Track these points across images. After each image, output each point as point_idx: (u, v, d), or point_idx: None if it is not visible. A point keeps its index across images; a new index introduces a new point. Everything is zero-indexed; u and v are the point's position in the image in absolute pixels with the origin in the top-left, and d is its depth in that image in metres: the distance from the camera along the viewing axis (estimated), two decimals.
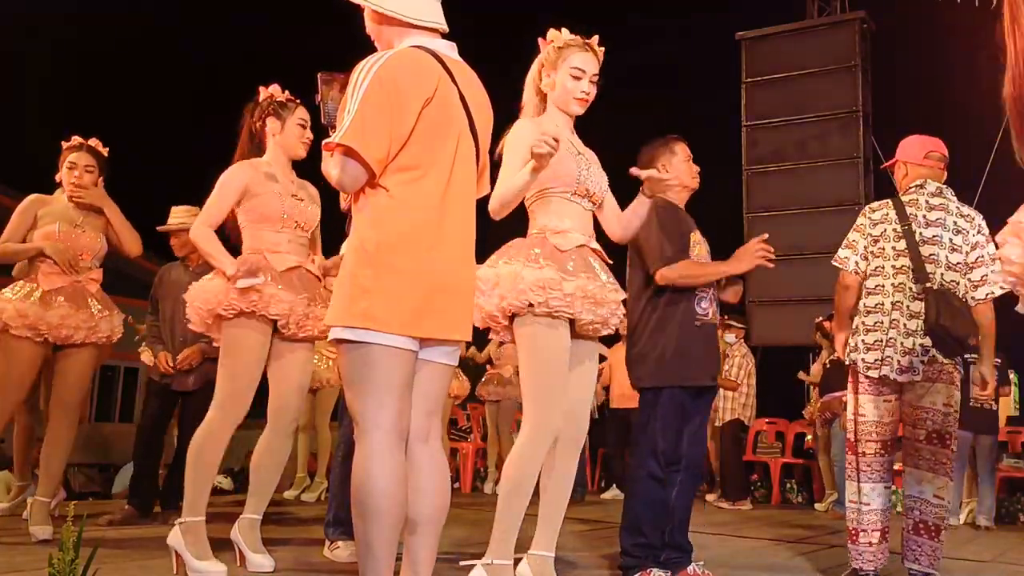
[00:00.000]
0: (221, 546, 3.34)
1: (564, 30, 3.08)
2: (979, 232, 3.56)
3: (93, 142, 4.23)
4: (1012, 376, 7.73)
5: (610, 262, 3.14)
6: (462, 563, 2.94)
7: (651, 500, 3.27)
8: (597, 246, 3.08)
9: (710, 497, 7.71)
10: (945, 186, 3.68)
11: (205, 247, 3.29)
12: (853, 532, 3.54)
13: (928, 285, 3.42)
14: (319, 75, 2.54)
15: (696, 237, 3.47)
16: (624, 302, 3.13)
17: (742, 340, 7.85)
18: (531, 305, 2.83)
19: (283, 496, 6.46)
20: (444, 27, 2.29)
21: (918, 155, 3.71)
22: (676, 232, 3.37)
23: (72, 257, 4.05)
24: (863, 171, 10.92)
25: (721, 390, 7.60)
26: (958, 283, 3.50)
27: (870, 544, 3.53)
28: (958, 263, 3.51)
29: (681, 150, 3.54)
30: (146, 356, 4.89)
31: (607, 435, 8.47)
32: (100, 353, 4.27)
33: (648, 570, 3.21)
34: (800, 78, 11.37)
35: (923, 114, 10.88)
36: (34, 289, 4.01)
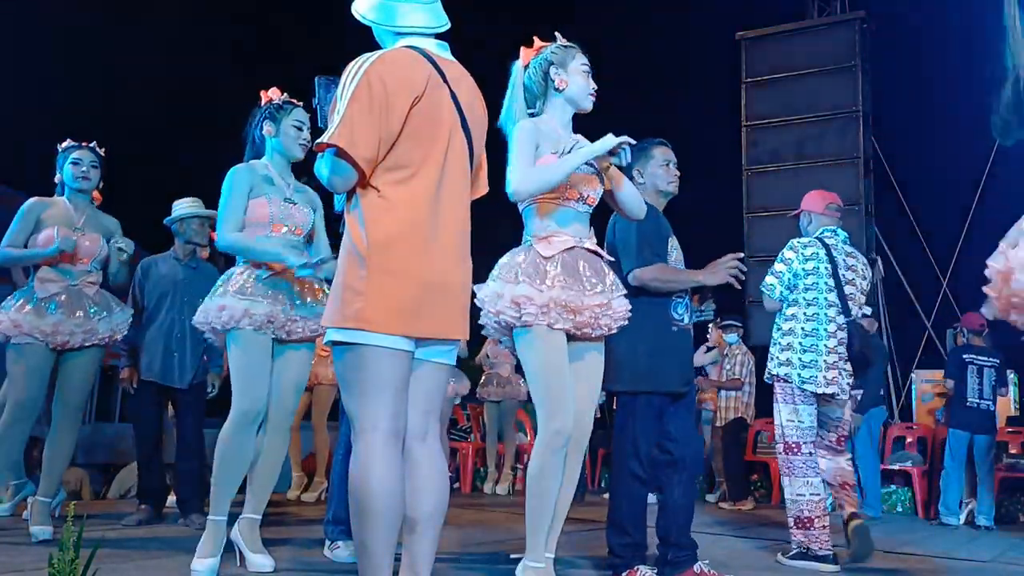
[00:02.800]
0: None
1: (558, 34, 3.12)
2: (868, 278, 4.44)
3: (92, 144, 4.24)
4: (1011, 376, 7.72)
5: (611, 259, 3.14)
6: (512, 556, 2.98)
7: (634, 498, 3.34)
8: (592, 246, 3.08)
9: (711, 497, 7.71)
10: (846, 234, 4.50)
11: (243, 245, 3.32)
12: (806, 520, 4.02)
13: (850, 319, 4.16)
14: (316, 79, 2.55)
15: (673, 243, 3.51)
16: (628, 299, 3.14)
17: (740, 343, 7.86)
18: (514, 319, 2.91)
19: (283, 496, 6.45)
20: (438, 29, 2.30)
21: (820, 206, 4.48)
22: (655, 234, 3.40)
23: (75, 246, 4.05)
24: (863, 171, 10.91)
25: (722, 390, 7.62)
26: (861, 318, 4.30)
27: (824, 527, 4.03)
28: (863, 302, 4.33)
29: (658, 154, 3.55)
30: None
31: (607, 435, 8.47)
32: (103, 354, 4.27)
33: (635, 568, 3.25)
34: (800, 78, 11.35)
35: (923, 114, 10.89)
36: (28, 300, 4.02)
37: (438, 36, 2.32)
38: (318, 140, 2.14)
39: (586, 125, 3.19)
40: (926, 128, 10.83)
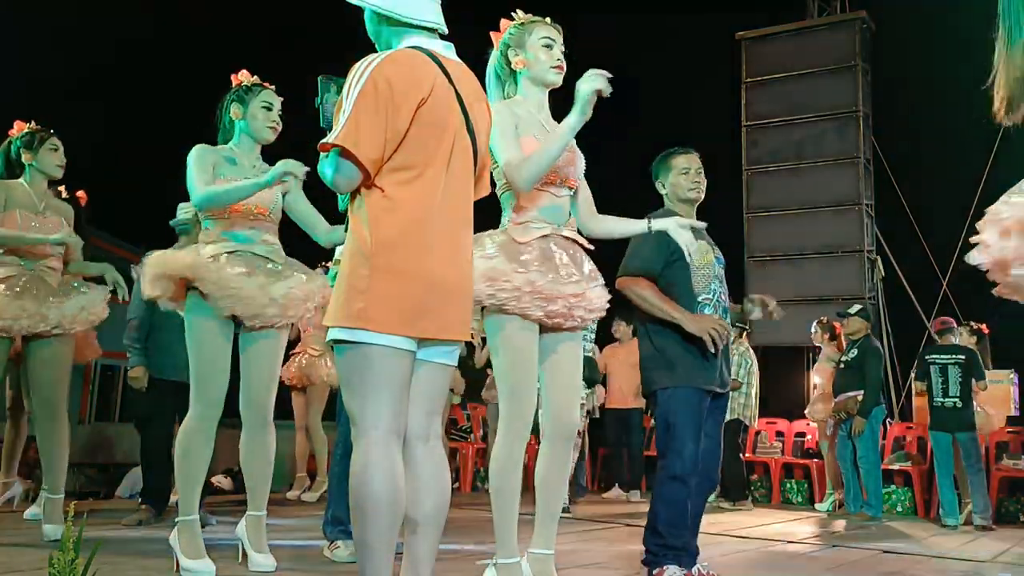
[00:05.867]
0: (223, 545, 3.35)
1: (519, 11, 3.07)
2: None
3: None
4: (1010, 376, 7.70)
5: (590, 248, 3.10)
6: (478, 562, 2.96)
7: (672, 501, 3.28)
8: (572, 233, 3.03)
9: (710, 497, 7.69)
10: None
11: (226, 188, 3.22)
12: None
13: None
14: (319, 78, 2.54)
15: (703, 247, 3.40)
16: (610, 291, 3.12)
17: (742, 339, 7.80)
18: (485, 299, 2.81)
19: (284, 496, 6.46)
20: (443, 28, 2.30)
21: None
22: (661, 246, 3.30)
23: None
24: (863, 171, 10.92)
25: None
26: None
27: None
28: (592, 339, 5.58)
29: (677, 163, 3.50)
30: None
31: (606, 435, 8.47)
32: (73, 345, 4.15)
33: (663, 567, 3.23)
34: (800, 78, 11.36)
35: (923, 114, 10.89)
36: None
37: (443, 37, 2.31)
38: (323, 140, 2.14)
39: (586, 125, 3.17)
40: (926, 128, 10.83)
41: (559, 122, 3.00)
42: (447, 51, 2.30)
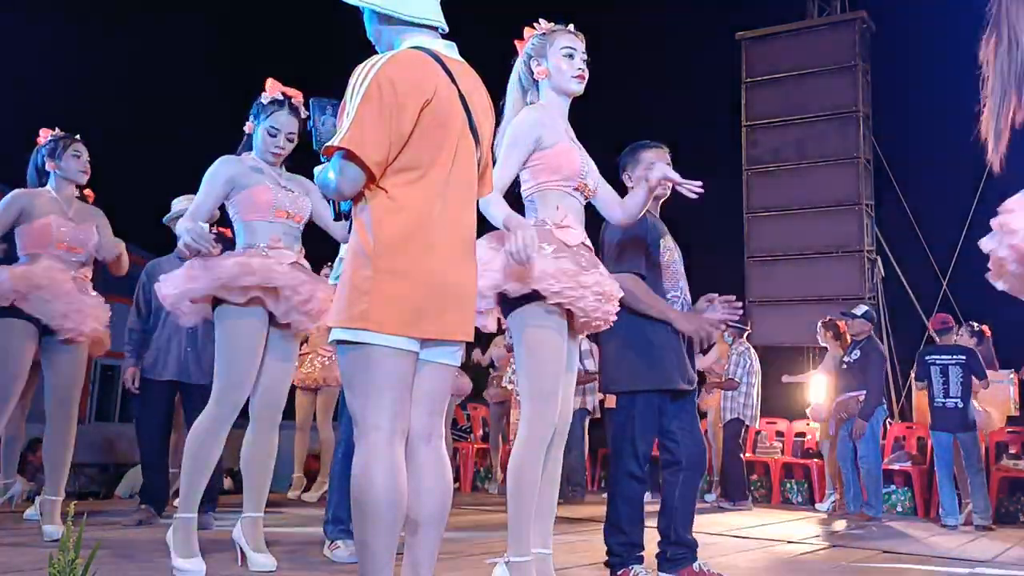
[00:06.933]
0: (223, 545, 3.35)
1: (542, 20, 3.08)
2: None
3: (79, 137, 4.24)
4: (1008, 375, 7.69)
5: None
6: (487, 560, 2.96)
7: (631, 499, 3.34)
8: (589, 243, 3.05)
9: (710, 497, 7.71)
10: None
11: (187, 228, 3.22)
12: None
13: None
14: (311, 100, 2.52)
15: (667, 243, 3.46)
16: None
17: (742, 338, 7.79)
18: (537, 294, 2.77)
19: (284, 496, 6.46)
20: (444, 27, 2.30)
21: None
22: (640, 241, 3.34)
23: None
24: (863, 171, 10.94)
25: (720, 390, 7.58)
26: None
27: None
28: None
29: (646, 157, 3.50)
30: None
31: (606, 435, 8.46)
32: (90, 349, 4.24)
33: (629, 567, 3.26)
34: (800, 78, 11.38)
35: (923, 114, 10.90)
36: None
37: (445, 36, 2.31)
38: (327, 143, 2.13)
39: (586, 122, 3.17)
40: (926, 128, 10.84)
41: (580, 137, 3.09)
42: (449, 50, 2.29)
